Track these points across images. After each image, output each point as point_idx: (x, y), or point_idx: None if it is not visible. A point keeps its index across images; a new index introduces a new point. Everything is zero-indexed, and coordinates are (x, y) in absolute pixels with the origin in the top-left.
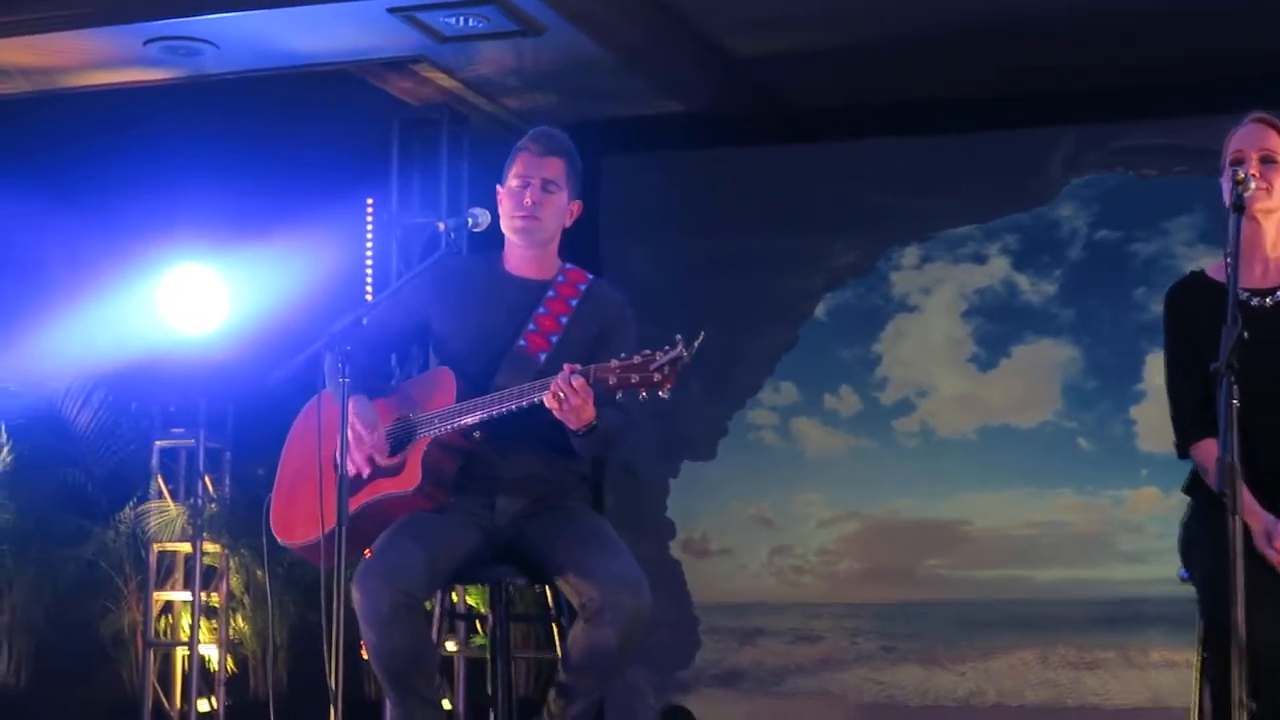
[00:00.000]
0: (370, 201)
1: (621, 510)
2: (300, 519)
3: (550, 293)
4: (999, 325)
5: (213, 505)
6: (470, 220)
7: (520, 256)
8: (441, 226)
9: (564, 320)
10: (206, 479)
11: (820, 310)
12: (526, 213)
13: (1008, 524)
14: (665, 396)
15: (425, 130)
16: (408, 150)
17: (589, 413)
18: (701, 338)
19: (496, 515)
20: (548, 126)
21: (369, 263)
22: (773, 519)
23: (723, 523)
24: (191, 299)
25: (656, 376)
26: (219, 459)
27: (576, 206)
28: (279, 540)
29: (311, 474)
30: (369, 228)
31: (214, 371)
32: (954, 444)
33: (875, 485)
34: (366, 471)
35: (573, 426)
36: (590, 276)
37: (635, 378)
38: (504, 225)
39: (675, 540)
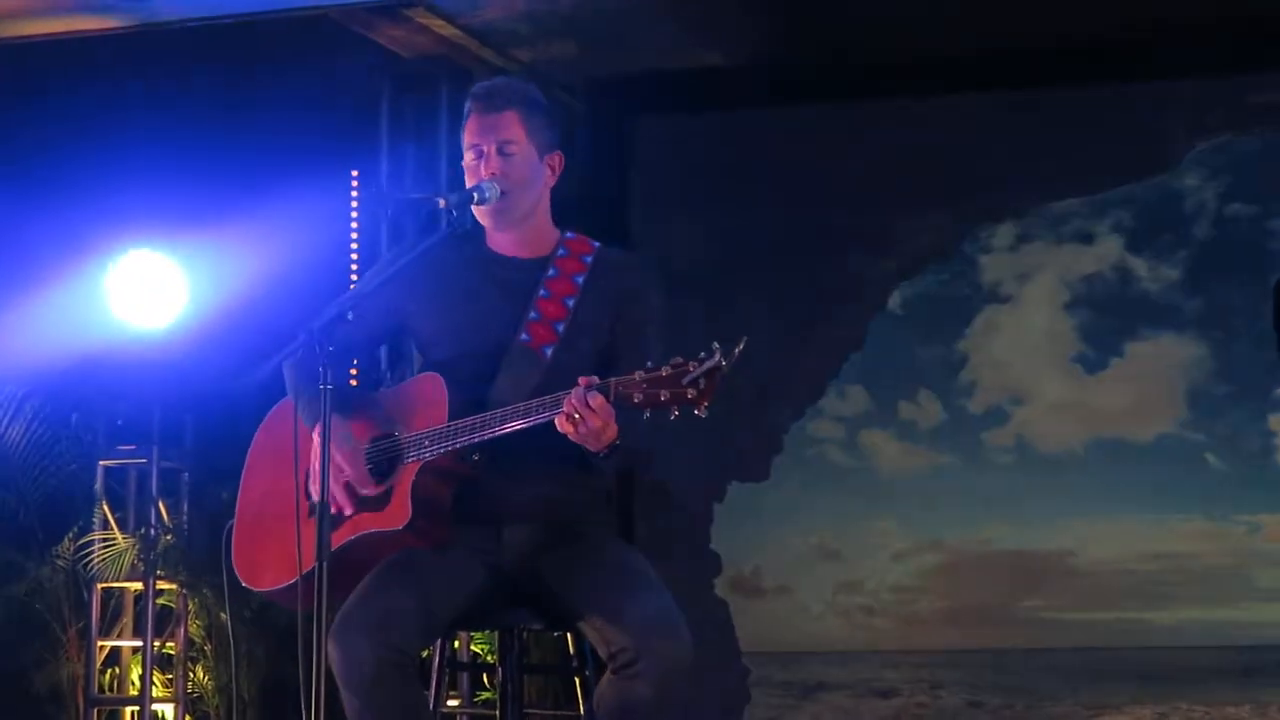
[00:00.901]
0: (355, 174)
1: (656, 540)
2: (268, 560)
3: (550, 271)
4: (1110, 318)
5: (168, 536)
6: (476, 195)
7: (504, 236)
8: (442, 203)
9: (570, 303)
10: (161, 505)
11: (894, 301)
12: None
13: (1122, 556)
14: (702, 415)
15: (421, 88)
16: (400, 112)
17: (610, 433)
18: (743, 344)
19: (504, 549)
20: (499, 78)
21: (354, 246)
22: (838, 551)
23: (778, 556)
24: (143, 290)
25: (690, 392)
26: (176, 481)
27: (556, 159)
28: (244, 585)
29: (280, 504)
30: (354, 205)
31: (170, 376)
32: (1056, 461)
33: (961, 510)
34: (349, 510)
35: (594, 449)
36: (596, 244)
37: (665, 394)
38: (475, 210)
39: (721, 577)
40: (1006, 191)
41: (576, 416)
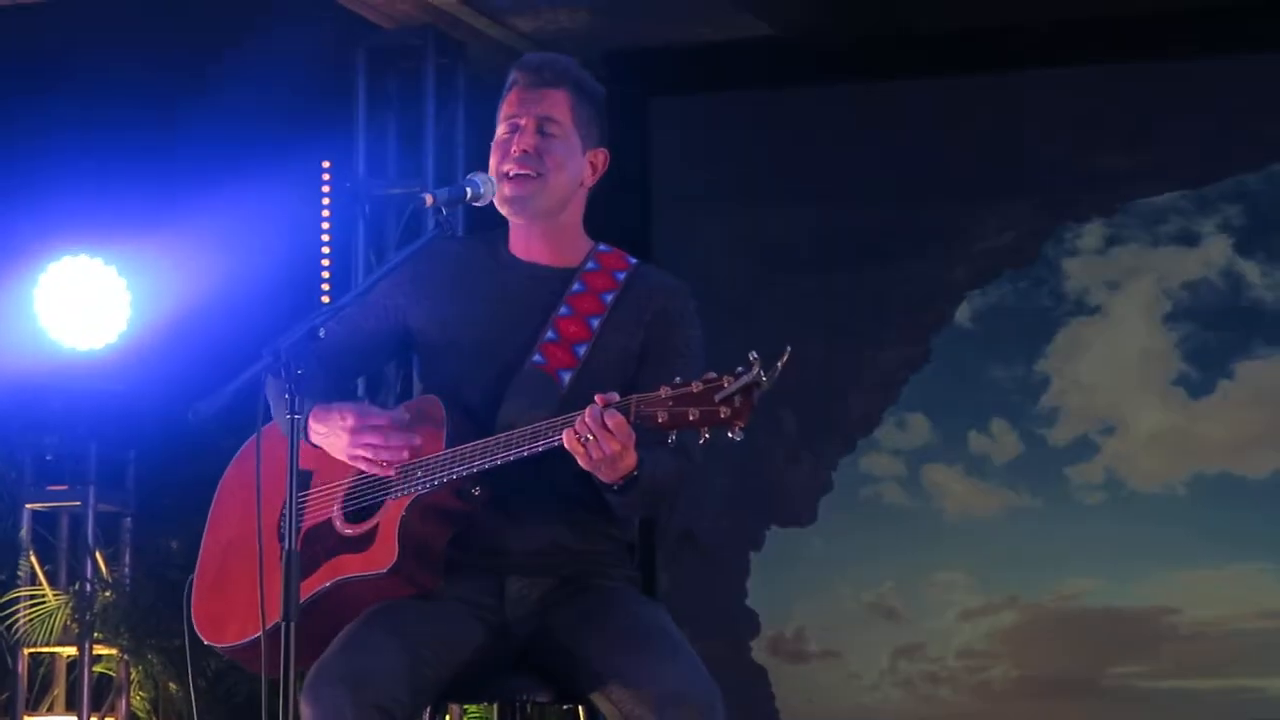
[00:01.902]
0: (327, 165)
1: (683, 595)
2: (234, 611)
3: (576, 285)
4: (1217, 333)
5: (107, 593)
6: (469, 190)
7: (528, 235)
8: (429, 200)
9: (596, 324)
10: (98, 555)
11: (963, 313)
12: (517, 166)
13: (1231, 614)
14: (736, 438)
15: (404, 64)
16: (379, 92)
17: (628, 461)
18: (786, 356)
19: (507, 604)
20: (551, 54)
21: (325, 250)
22: (897, 608)
23: (826, 614)
24: (77, 303)
25: (724, 411)
26: (116, 527)
27: (600, 157)
28: (205, 641)
29: (248, 547)
30: (325, 201)
31: (109, 404)
32: (1154, 501)
33: (1042, 560)
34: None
35: (605, 479)
36: (633, 261)
37: (694, 413)
38: (495, 195)
39: (760, 639)
40: (1094, 184)
41: (590, 438)
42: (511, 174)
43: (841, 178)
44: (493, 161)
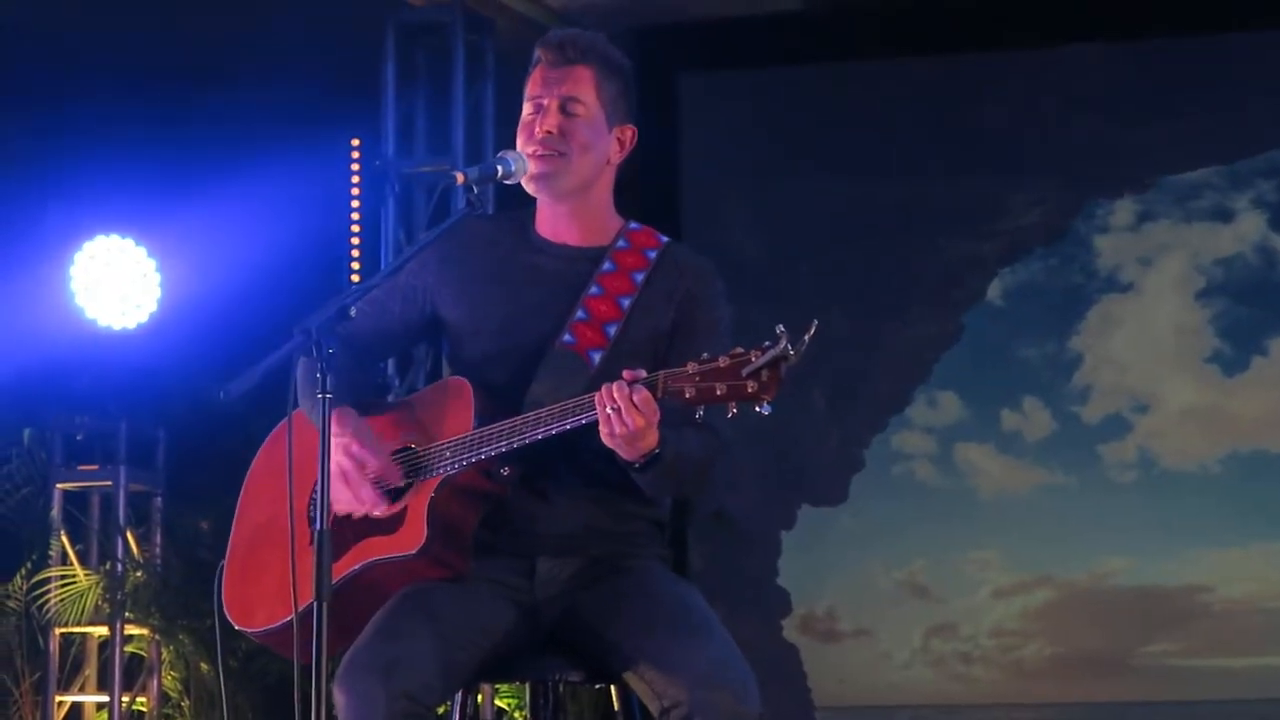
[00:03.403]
0: (356, 143)
1: (714, 575)
2: (265, 595)
3: (606, 264)
4: (1251, 310)
5: (138, 574)
6: (500, 169)
7: (555, 214)
8: (460, 178)
9: (626, 304)
10: (129, 535)
11: (994, 290)
12: (539, 146)
13: (1265, 592)
14: (764, 412)
15: (432, 40)
16: (407, 69)
17: (649, 439)
18: (814, 329)
19: (538, 585)
20: (574, 30)
21: (355, 230)
22: (929, 587)
23: (858, 593)
24: (110, 283)
25: (751, 385)
26: (147, 507)
27: (628, 133)
28: (235, 625)
29: (279, 530)
30: (354, 180)
31: (140, 383)
32: (1188, 479)
33: (1075, 538)
34: (381, 510)
35: (626, 457)
36: (664, 240)
37: (721, 387)
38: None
39: (791, 617)
40: (1127, 159)
41: (612, 410)
42: (536, 156)
43: (871, 153)
44: (519, 142)
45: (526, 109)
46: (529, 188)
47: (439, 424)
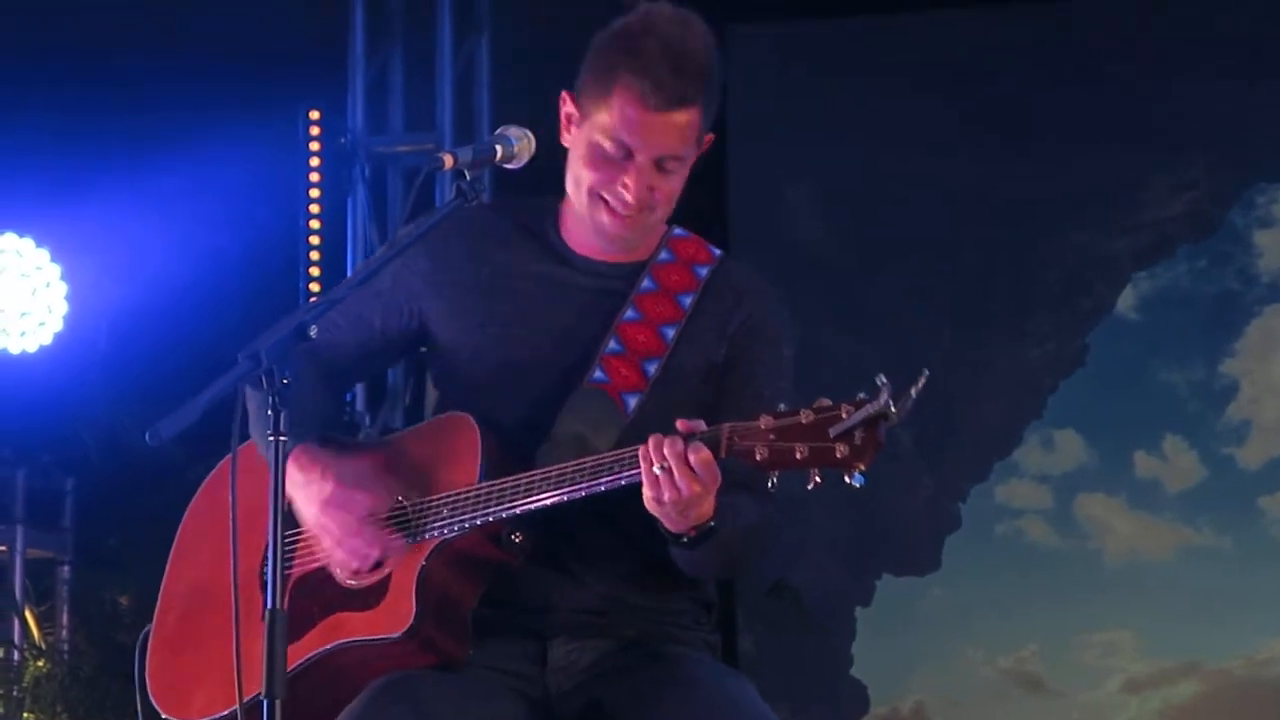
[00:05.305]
0: (315, 115)
1: (772, 664)
2: (202, 675)
3: (645, 282)
4: None
5: (40, 663)
6: (499, 149)
7: (592, 228)
8: (448, 161)
9: (671, 334)
10: (29, 613)
11: (1126, 300)
12: (625, 208)
13: None
14: (855, 484)
15: None
16: (379, 22)
17: (704, 508)
18: (923, 381)
19: (550, 675)
20: (678, 34)
21: (314, 226)
22: (1043, 677)
23: (953, 686)
24: (3, 294)
25: (841, 450)
26: (51, 577)
27: (706, 140)
28: (162, 715)
29: (220, 596)
30: (313, 164)
31: (43, 420)
32: None
33: (1229, 615)
34: (377, 552)
35: (673, 528)
36: (717, 254)
37: (802, 449)
38: (572, 192)
39: (869, 717)
40: None
41: (662, 471)
42: (614, 217)
43: (966, 122)
44: (585, 171)
45: (608, 144)
46: (592, 226)
47: (435, 473)
